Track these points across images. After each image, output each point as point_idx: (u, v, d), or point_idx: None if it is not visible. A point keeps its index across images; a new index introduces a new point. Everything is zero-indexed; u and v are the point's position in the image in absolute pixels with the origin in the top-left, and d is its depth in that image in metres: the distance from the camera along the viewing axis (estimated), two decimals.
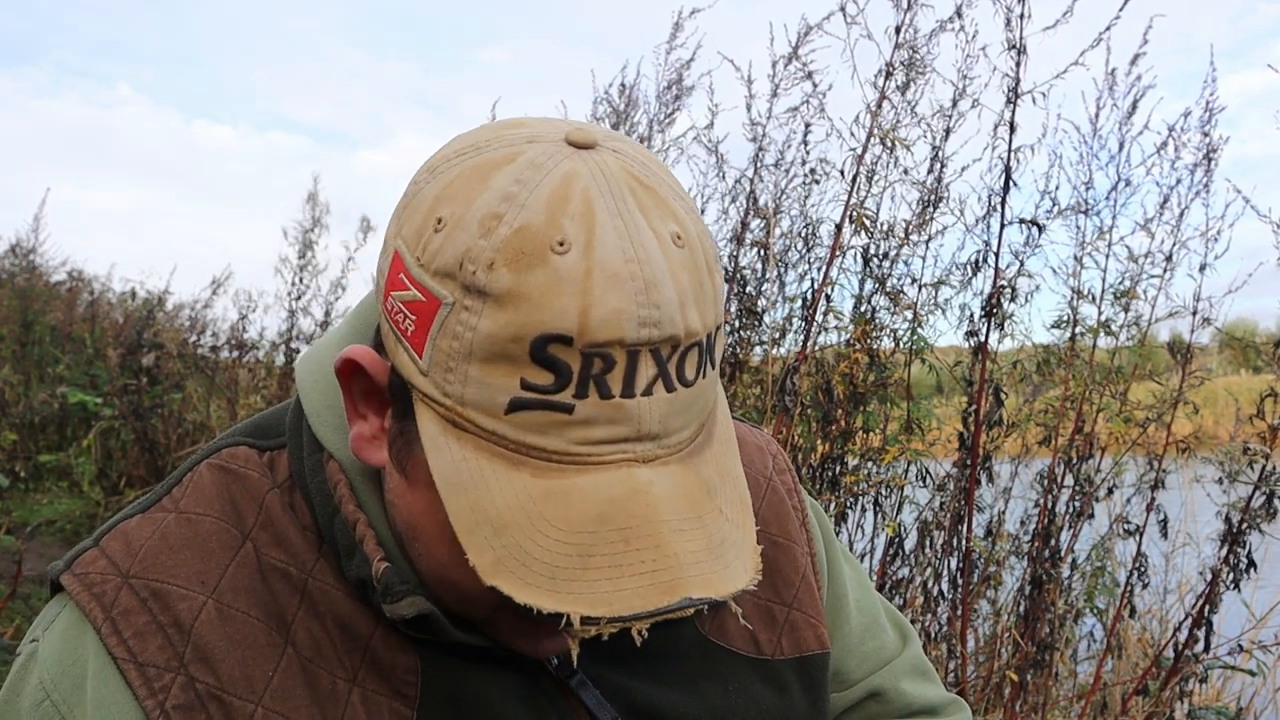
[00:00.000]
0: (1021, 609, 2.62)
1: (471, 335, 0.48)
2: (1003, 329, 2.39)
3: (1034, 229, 2.45)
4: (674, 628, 0.67)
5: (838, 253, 2.56)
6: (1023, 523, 2.69)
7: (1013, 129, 2.34)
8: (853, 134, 2.51)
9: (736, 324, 2.75)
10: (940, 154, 2.53)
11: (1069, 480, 2.66)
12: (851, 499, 2.60)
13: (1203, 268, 2.56)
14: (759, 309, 2.77)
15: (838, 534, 2.58)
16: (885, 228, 2.57)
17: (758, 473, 0.76)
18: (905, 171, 2.52)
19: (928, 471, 2.58)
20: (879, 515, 2.66)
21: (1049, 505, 2.63)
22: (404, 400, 0.53)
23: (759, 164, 2.82)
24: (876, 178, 2.54)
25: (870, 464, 2.59)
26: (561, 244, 0.48)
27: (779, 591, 0.72)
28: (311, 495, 0.60)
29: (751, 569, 0.51)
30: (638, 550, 0.48)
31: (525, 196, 0.49)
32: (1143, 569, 2.59)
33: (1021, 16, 2.27)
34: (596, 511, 0.48)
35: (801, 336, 2.59)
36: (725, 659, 0.68)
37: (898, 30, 2.45)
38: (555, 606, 0.46)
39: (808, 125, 2.70)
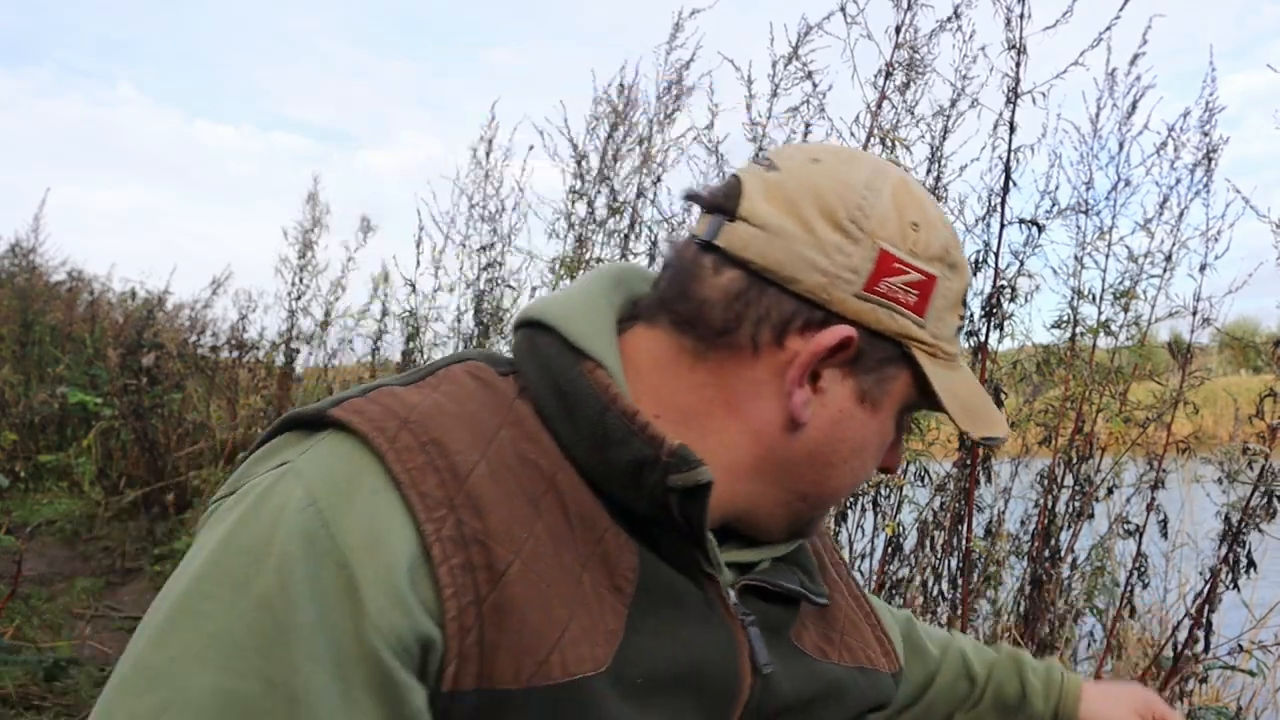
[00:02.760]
0: (1021, 609, 2.62)
1: (951, 295, 0.74)
2: (1002, 329, 2.39)
3: (1034, 229, 2.45)
4: (786, 621, 0.79)
5: None
6: (1022, 522, 2.69)
7: (1012, 129, 2.34)
8: (853, 134, 2.52)
9: None
10: (939, 154, 2.53)
11: (1069, 480, 2.66)
12: (851, 499, 2.60)
13: (1203, 268, 2.56)
14: None
15: (837, 534, 2.60)
16: None
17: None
18: (905, 171, 2.52)
19: (927, 471, 2.58)
20: (878, 515, 2.67)
21: (1049, 505, 2.63)
22: (879, 357, 0.72)
23: None
24: None
25: None
26: (954, 231, 0.76)
27: (830, 626, 0.84)
28: (567, 400, 0.68)
29: None
30: (992, 402, 0.80)
31: (933, 200, 0.76)
32: (1143, 569, 2.59)
33: (1021, 16, 2.27)
34: (977, 384, 0.79)
35: None
36: (808, 658, 0.79)
37: (898, 30, 2.45)
38: (1000, 431, 0.77)
39: (808, 125, 2.70)
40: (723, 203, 0.71)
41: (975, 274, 2.48)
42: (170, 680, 0.54)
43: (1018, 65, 2.30)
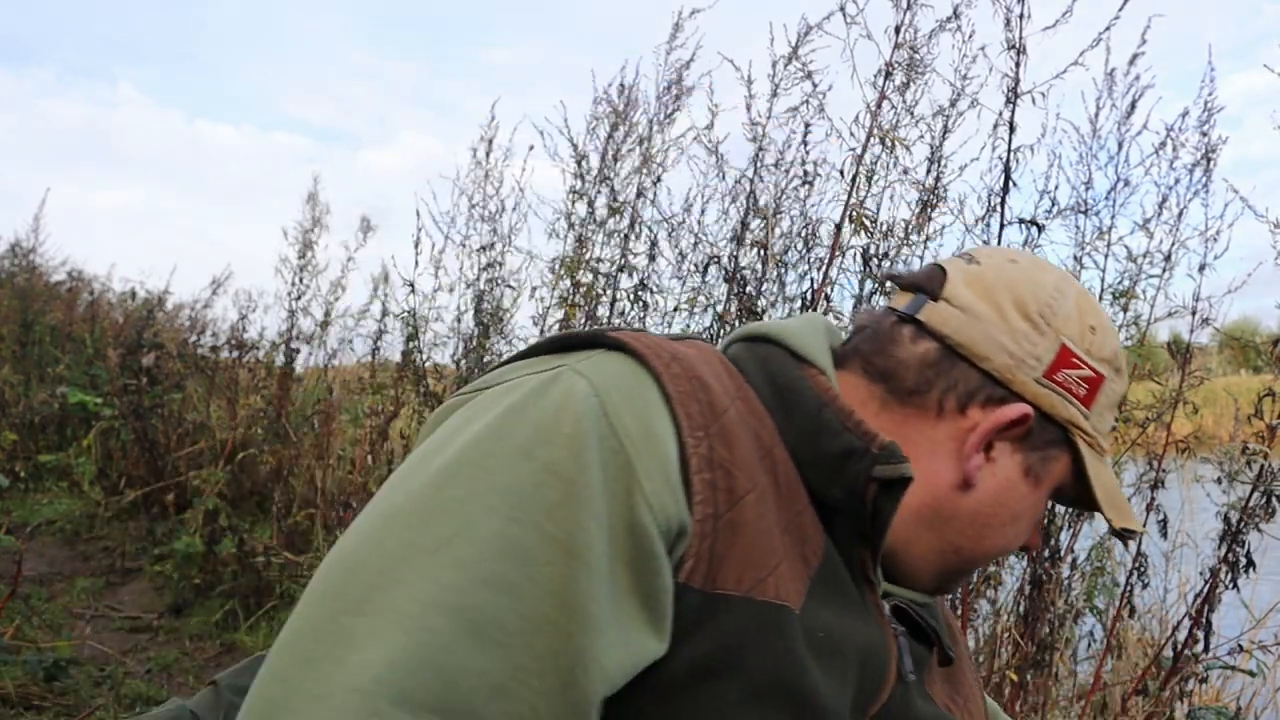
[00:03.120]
0: (1021, 609, 2.62)
1: (1114, 395, 0.84)
2: None
3: (1034, 229, 2.45)
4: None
5: (837, 253, 2.56)
6: None
7: (1012, 129, 2.34)
8: (852, 134, 2.52)
9: (736, 324, 2.75)
10: (938, 154, 2.53)
11: None
12: None
13: (1202, 268, 2.56)
14: (759, 309, 2.77)
15: None
16: (885, 228, 2.58)
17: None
18: (905, 171, 2.52)
19: None
20: None
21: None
22: (1047, 438, 0.82)
23: (759, 164, 2.82)
24: (876, 178, 2.54)
25: None
26: (1120, 343, 0.86)
27: (955, 688, 0.89)
28: (784, 395, 0.75)
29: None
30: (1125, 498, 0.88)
31: (1105, 314, 0.85)
32: (1142, 569, 2.59)
33: (1021, 17, 2.28)
34: (1115, 482, 0.87)
35: None
36: (931, 701, 0.84)
37: (897, 30, 2.45)
38: (1134, 525, 0.85)
39: (807, 125, 2.71)
40: (925, 284, 0.82)
41: None
42: (455, 517, 0.58)
43: (1017, 65, 2.30)
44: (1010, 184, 2.37)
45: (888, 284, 2.57)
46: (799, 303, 2.71)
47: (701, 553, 0.63)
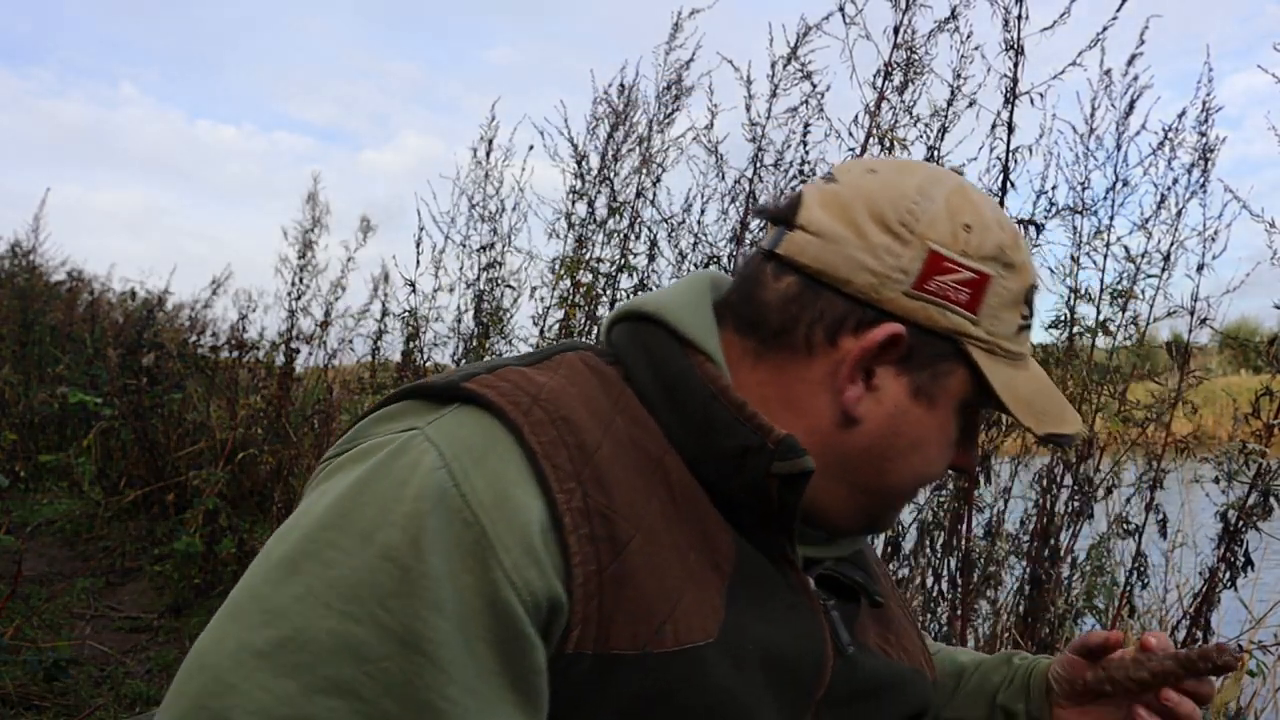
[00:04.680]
0: (1021, 609, 2.62)
1: (1007, 294, 0.76)
2: None
3: (1033, 229, 2.45)
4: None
5: None
6: (1022, 522, 2.69)
7: (1010, 129, 2.34)
8: (851, 134, 2.52)
9: None
10: (936, 153, 2.53)
11: (1068, 480, 2.66)
12: None
13: (1200, 268, 2.56)
14: None
15: None
16: None
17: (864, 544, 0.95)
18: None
19: None
20: None
21: (1048, 505, 2.63)
22: (932, 353, 0.75)
23: (758, 164, 2.83)
24: None
25: None
26: (1019, 235, 0.79)
27: (887, 629, 0.88)
28: (672, 390, 0.72)
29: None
30: (1061, 397, 0.81)
31: (994, 204, 0.79)
32: (1142, 569, 2.59)
33: (1019, 17, 2.28)
34: (1047, 383, 0.81)
35: None
36: (867, 650, 0.82)
37: (896, 30, 2.45)
38: (1068, 429, 0.78)
39: (807, 125, 2.71)
40: (784, 213, 0.76)
41: None
42: (291, 618, 0.56)
43: (1016, 66, 2.30)
44: (1009, 184, 2.37)
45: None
46: None
47: (589, 615, 0.60)
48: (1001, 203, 2.39)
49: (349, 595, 0.56)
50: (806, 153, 2.73)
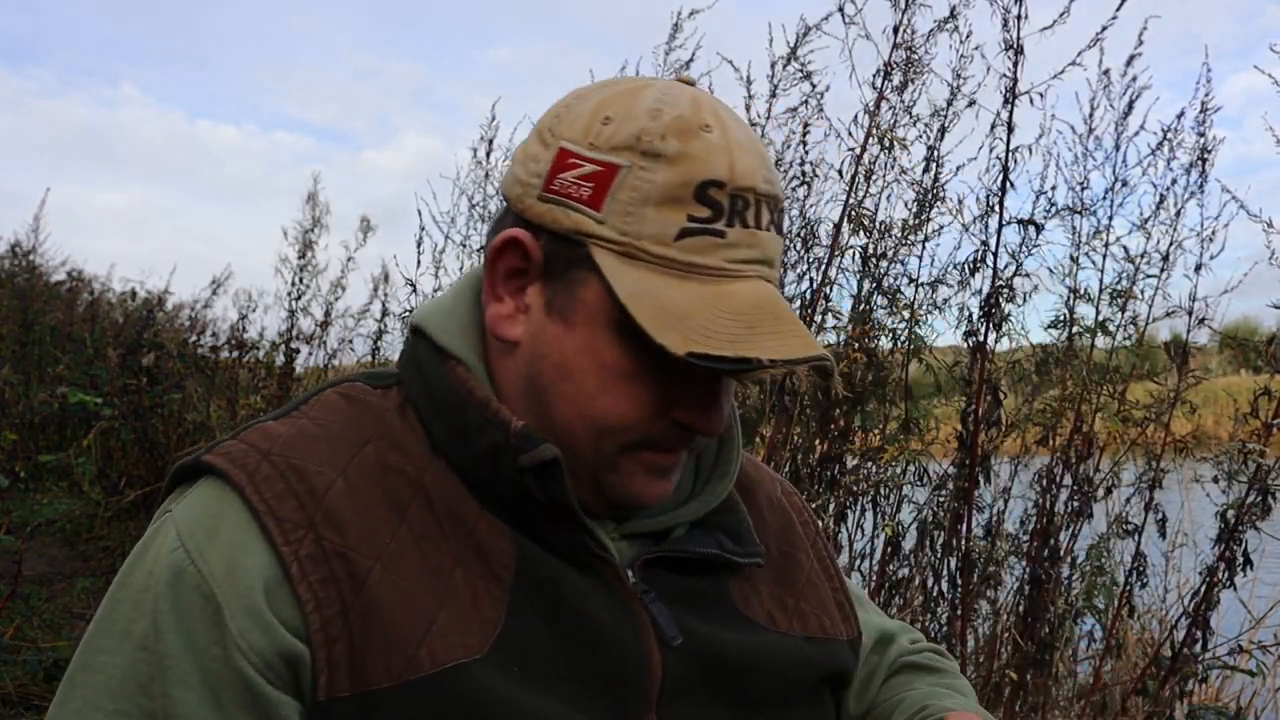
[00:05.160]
0: (1021, 609, 2.62)
1: (649, 186, 0.65)
2: (1000, 329, 2.39)
3: (1032, 229, 2.45)
4: (716, 589, 0.76)
5: (836, 252, 2.56)
6: (1022, 522, 2.69)
7: (1010, 129, 2.34)
8: (850, 134, 2.52)
9: None
10: (936, 153, 2.53)
11: (1067, 480, 2.66)
12: (851, 499, 2.60)
13: (1198, 267, 2.56)
14: None
15: (837, 533, 2.60)
16: (883, 227, 2.58)
17: (769, 493, 0.88)
18: (903, 171, 2.52)
19: (925, 470, 2.58)
20: (878, 515, 2.67)
21: (1048, 505, 2.63)
22: (564, 261, 0.67)
23: None
24: (874, 177, 2.54)
25: (870, 464, 2.59)
26: (706, 127, 0.67)
27: (787, 588, 0.82)
28: (436, 400, 0.71)
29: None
30: (788, 325, 0.66)
31: (673, 101, 0.68)
32: (1141, 568, 2.59)
33: (1019, 18, 2.28)
34: (753, 303, 0.66)
35: None
36: (750, 625, 0.77)
37: (896, 30, 2.45)
38: (745, 352, 0.63)
39: (806, 125, 2.71)
40: None
41: (974, 274, 2.48)
42: None
43: (1015, 66, 2.30)
44: (1008, 184, 2.37)
45: (884, 283, 2.57)
46: (798, 303, 2.71)
47: (335, 659, 0.61)
48: (1001, 202, 2.39)
49: (116, 693, 0.61)
50: (806, 153, 2.73)
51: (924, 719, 0.79)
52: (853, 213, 2.50)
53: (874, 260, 2.58)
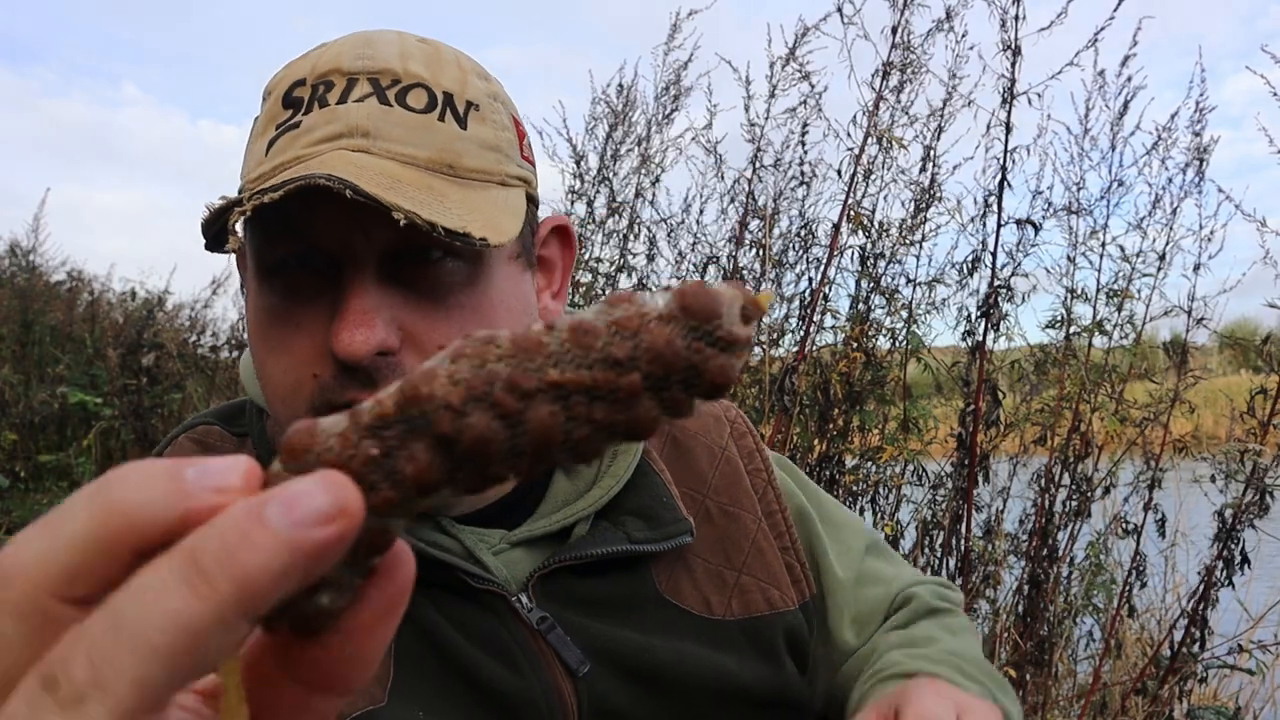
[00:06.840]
0: (1020, 608, 2.62)
1: (252, 124, 0.68)
2: (998, 329, 2.40)
3: (1030, 229, 2.45)
4: (634, 584, 0.71)
5: (835, 252, 2.56)
6: (1021, 522, 2.69)
7: (1008, 129, 2.34)
8: (849, 134, 2.52)
9: None
10: (933, 153, 2.53)
11: (1066, 479, 2.66)
12: (850, 499, 2.60)
13: (1196, 267, 2.56)
14: None
15: None
16: (881, 227, 2.58)
17: (712, 443, 0.81)
18: (901, 171, 2.53)
19: (924, 470, 2.58)
20: (877, 515, 2.67)
21: (1047, 504, 2.64)
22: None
23: (757, 164, 2.82)
24: (873, 177, 2.55)
25: (869, 464, 2.60)
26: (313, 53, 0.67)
27: (729, 558, 0.76)
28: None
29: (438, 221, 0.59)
30: (332, 165, 0.59)
31: (313, 54, 0.67)
32: (1141, 568, 2.59)
33: (1016, 18, 2.28)
34: (311, 167, 0.60)
35: (799, 336, 2.60)
36: (678, 617, 0.72)
37: (894, 31, 2.45)
38: (260, 186, 0.58)
39: (805, 126, 2.71)
40: None
41: (972, 274, 2.48)
42: None
43: (1013, 66, 2.30)
44: (1006, 184, 2.37)
45: (882, 283, 2.57)
46: (797, 303, 2.71)
47: None
48: (1000, 202, 2.39)
49: None
50: (805, 153, 2.74)
51: (880, 679, 0.73)
52: (851, 213, 2.50)
53: (872, 260, 2.59)
